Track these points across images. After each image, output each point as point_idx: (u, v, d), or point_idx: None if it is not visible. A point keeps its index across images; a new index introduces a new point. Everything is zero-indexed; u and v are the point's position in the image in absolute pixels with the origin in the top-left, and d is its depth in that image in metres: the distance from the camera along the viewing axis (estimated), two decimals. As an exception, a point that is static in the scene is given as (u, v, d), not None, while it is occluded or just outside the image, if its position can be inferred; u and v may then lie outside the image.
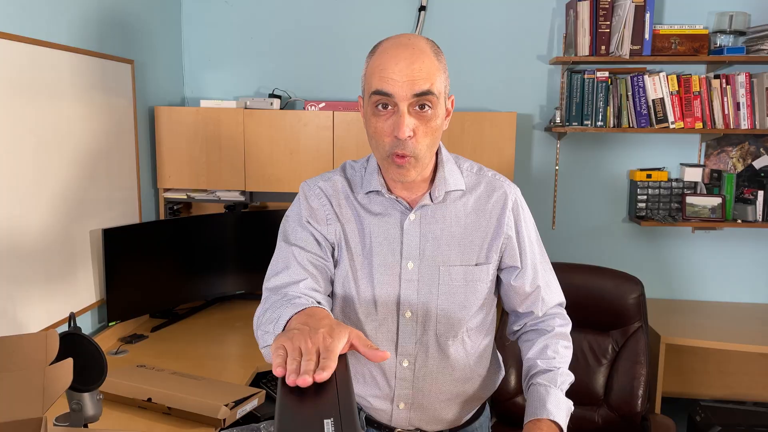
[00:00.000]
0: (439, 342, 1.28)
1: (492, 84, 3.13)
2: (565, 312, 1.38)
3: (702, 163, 3.11)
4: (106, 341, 2.45)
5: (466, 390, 1.34)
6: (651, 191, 3.06)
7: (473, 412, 1.40)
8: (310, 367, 0.79)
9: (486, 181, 1.29)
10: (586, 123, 2.94)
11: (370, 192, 1.26)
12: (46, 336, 1.09)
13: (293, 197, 1.33)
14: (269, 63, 3.18)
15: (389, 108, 1.13)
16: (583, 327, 2.33)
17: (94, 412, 1.43)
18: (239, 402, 1.85)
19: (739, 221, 2.99)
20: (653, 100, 2.91)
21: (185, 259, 2.78)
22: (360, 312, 1.27)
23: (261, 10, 3.15)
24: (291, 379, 0.78)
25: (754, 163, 3.08)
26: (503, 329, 2.18)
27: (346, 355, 0.86)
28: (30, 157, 2.04)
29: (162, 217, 2.94)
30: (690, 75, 2.92)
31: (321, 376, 0.77)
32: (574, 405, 1.28)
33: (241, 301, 3.02)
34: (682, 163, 3.12)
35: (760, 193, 2.96)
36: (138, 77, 2.73)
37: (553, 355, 1.29)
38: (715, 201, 2.99)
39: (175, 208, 3.02)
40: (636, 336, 2.34)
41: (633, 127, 2.94)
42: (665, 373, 2.85)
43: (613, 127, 2.95)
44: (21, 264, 2.01)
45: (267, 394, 2.10)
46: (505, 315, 2.07)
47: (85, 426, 1.44)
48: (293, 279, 1.17)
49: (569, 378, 1.29)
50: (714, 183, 3.08)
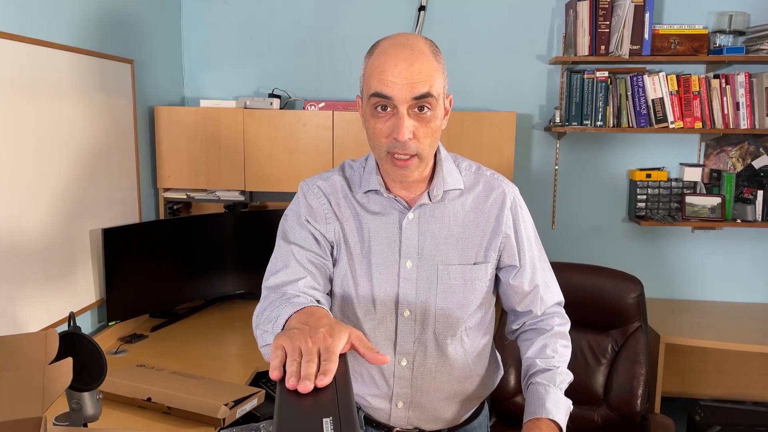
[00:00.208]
0: (438, 341, 1.28)
1: (492, 84, 3.13)
2: (563, 311, 1.38)
3: (701, 162, 3.11)
4: (106, 341, 2.45)
5: (465, 389, 1.34)
6: (650, 191, 3.06)
7: (472, 411, 1.40)
8: (311, 370, 0.78)
9: (484, 181, 1.30)
10: (585, 123, 2.94)
11: (369, 191, 1.26)
12: (45, 335, 1.09)
13: (293, 197, 1.33)
14: (269, 63, 3.18)
15: (388, 110, 1.13)
16: (582, 326, 2.33)
17: (93, 412, 1.43)
18: (239, 401, 1.85)
19: (738, 221, 3.00)
20: (653, 100, 2.91)
21: (185, 258, 2.78)
22: (359, 311, 1.27)
23: (260, 10, 3.15)
24: (291, 382, 0.76)
25: (753, 162, 3.08)
26: (502, 328, 2.19)
27: (345, 354, 0.86)
28: (30, 157, 2.04)
29: (162, 216, 2.94)
30: (689, 75, 2.92)
31: (322, 381, 0.76)
32: (574, 404, 1.28)
33: (240, 300, 3.02)
34: (681, 163, 3.12)
35: (760, 192, 2.96)
36: (138, 77, 2.73)
37: (552, 354, 1.30)
38: (714, 201, 2.99)
39: (174, 207, 3.02)
40: (635, 336, 2.34)
41: (632, 126, 2.94)
42: (665, 373, 2.85)
43: (613, 126, 2.95)
44: (21, 264, 2.01)
45: (266, 394, 2.10)
46: (504, 314, 2.07)
47: (85, 425, 1.44)
48: (292, 277, 1.17)
49: (568, 377, 1.29)
50: (713, 183, 3.08)
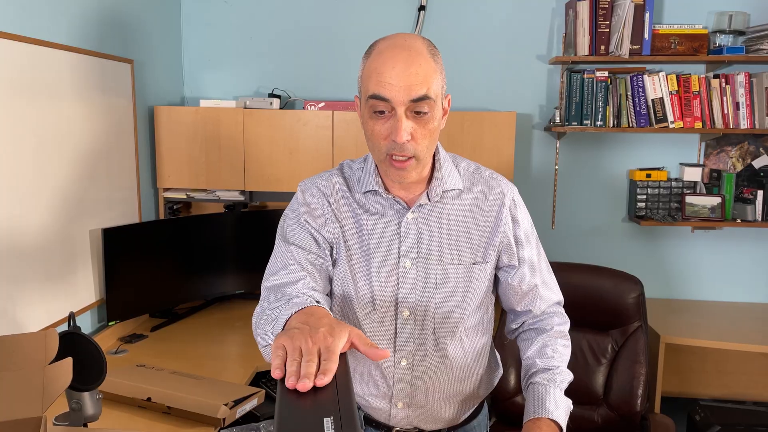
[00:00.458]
0: (437, 341, 1.28)
1: (491, 84, 3.13)
2: (563, 310, 1.38)
3: (701, 162, 3.11)
4: (106, 341, 2.45)
5: (464, 389, 1.34)
6: (650, 191, 3.06)
7: (471, 410, 1.40)
8: (311, 370, 0.78)
9: (483, 180, 1.30)
10: (585, 123, 2.94)
11: (368, 192, 1.26)
12: (45, 335, 1.09)
13: (293, 197, 1.33)
14: (269, 63, 3.18)
15: (386, 112, 1.13)
16: (582, 326, 2.33)
17: (93, 412, 1.43)
18: (239, 401, 1.85)
19: (738, 221, 3.00)
20: (653, 100, 2.91)
21: (185, 258, 2.78)
22: (358, 311, 1.27)
23: (260, 10, 3.15)
24: (291, 382, 0.76)
25: (753, 162, 3.08)
26: (502, 328, 2.19)
27: (346, 354, 0.86)
28: (30, 157, 2.04)
29: (162, 216, 2.94)
30: (689, 75, 2.92)
31: (322, 381, 0.76)
32: (574, 404, 1.28)
33: (240, 300, 3.02)
34: (681, 163, 3.12)
35: (760, 192, 2.96)
36: (137, 77, 2.73)
37: (552, 354, 1.30)
38: (714, 201, 2.99)
39: (174, 207, 3.02)
40: (635, 335, 2.34)
41: (632, 126, 2.94)
42: (665, 373, 2.85)
43: (613, 126, 2.95)
44: (21, 264, 2.01)
45: (266, 394, 2.10)
46: (503, 314, 2.07)
47: (85, 425, 1.44)
48: (292, 278, 1.17)
49: (568, 377, 1.29)
50: (713, 183, 3.08)
